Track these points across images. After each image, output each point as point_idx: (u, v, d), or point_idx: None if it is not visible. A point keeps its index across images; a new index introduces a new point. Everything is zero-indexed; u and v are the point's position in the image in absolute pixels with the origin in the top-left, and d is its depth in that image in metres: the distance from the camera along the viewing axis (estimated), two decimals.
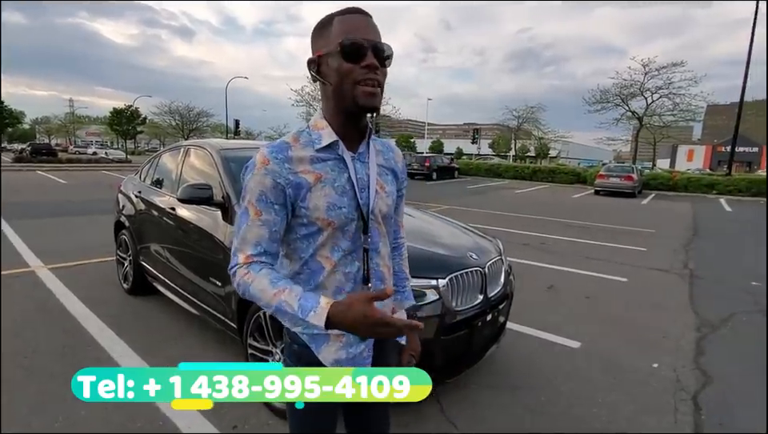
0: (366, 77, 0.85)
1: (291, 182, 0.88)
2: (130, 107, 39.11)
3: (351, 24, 0.86)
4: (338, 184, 0.91)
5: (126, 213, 3.89)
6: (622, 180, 16.72)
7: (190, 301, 2.92)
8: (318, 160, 0.91)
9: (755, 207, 14.36)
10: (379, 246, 0.99)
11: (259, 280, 0.85)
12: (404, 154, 1.81)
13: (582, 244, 6.94)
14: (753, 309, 4.07)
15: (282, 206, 0.89)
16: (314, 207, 0.89)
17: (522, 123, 43.28)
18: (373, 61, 0.85)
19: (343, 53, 0.85)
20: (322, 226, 0.91)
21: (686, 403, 2.43)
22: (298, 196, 0.89)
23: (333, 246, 0.93)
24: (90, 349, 2.77)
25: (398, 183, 1.08)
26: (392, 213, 1.04)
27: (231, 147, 3.10)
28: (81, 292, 3.73)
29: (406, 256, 1.21)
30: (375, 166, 0.97)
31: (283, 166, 0.88)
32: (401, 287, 1.17)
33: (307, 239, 0.93)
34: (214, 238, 2.55)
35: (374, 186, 0.96)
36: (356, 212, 0.93)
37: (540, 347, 3.10)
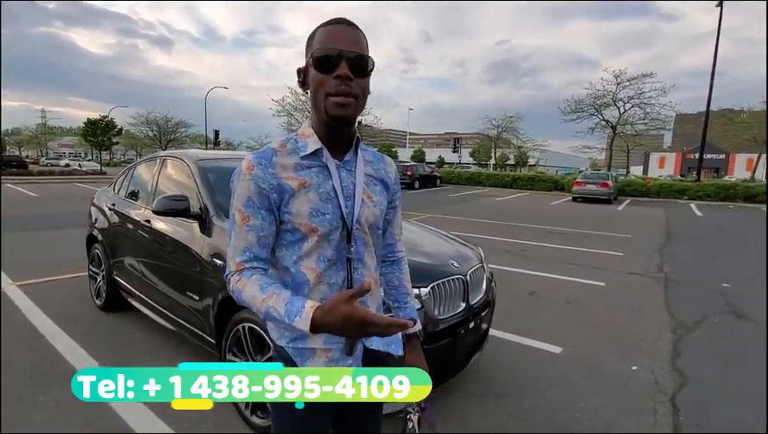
0: (336, 88, 0.85)
1: (275, 187, 0.88)
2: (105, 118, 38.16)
3: (329, 34, 0.87)
4: (322, 190, 0.91)
5: (98, 226, 3.77)
6: (598, 187, 17.19)
7: (166, 316, 2.83)
8: (303, 167, 0.91)
9: (724, 212, 14.94)
10: (365, 256, 0.97)
11: (250, 286, 0.85)
12: None
13: (561, 250, 7.06)
14: (724, 310, 4.20)
15: (269, 211, 0.89)
16: (296, 213, 0.89)
17: (502, 132, 44.19)
18: (344, 71, 0.84)
19: (315, 64, 0.86)
20: (305, 232, 0.90)
21: (664, 405, 2.48)
22: (282, 201, 0.89)
23: (317, 256, 0.92)
24: (58, 369, 2.64)
25: (388, 194, 1.06)
26: (380, 224, 1.02)
27: (209, 158, 3.05)
28: (51, 309, 3.57)
29: (407, 270, 1.16)
30: (362, 175, 0.97)
31: (267, 171, 0.88)
32: (402, 303, 1.13)
33: (292, 247, 0.93)
34: (190, 250, 2.49)
35: (359, 195, 0.95)
36: (340, 220, 0.92)
37: (523, 354, 3.12)
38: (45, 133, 68.34)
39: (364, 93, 0.89)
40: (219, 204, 2.50)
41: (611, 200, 17.19)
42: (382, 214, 1.02)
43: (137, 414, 2.18)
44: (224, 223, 2.39)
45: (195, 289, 2.46)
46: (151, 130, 47.19)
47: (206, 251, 2.37)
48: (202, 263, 2.39)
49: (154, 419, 2.15)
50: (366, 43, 0.91)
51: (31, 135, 68.57)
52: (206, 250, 2.38)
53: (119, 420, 2.14)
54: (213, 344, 2.36)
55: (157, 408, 2.21)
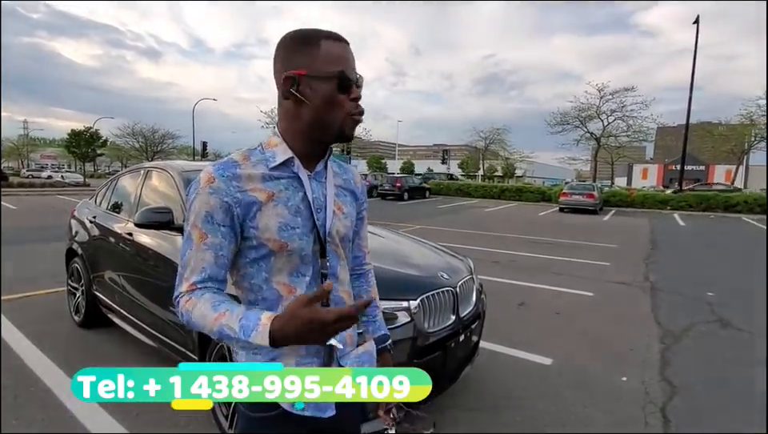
0: (357, 110, 0.86)
1: (239, 201, 0.82)
2: (90, 129, 37.66)
3: (343, 53, 0.85)
4: (292, 204, 0.86)
5: (78, 240, 3.66)
6: (584, 198, 17.48)
7: (148, 332, 2.74)
8: (271, 178, 0.86)
9: (706, 221, 15.30)
10: (338, 270, 0.94)
11: (200, 306, 0.80)
12: (375, 175, 1.79)
13: (549, 260, 7.11)
14: (710, 318, 4.25)
15: (230, 228, 0.83)
16: (264, 228, 0.83)
17: (490, 144, 44.85)
18: (359, 93, 0.86)
19: (340, 84, 0.83)
20: (273, 248, 0.84)
21: (655, 416, 2.47)
22: (247, 216, 0.83)
23: (290, 271, 0.87)
24: (33, 390, 2.52)
25: (357, 205, 1.02)
26: (350, 236, 0.99)
27: (194, 169, 2.99)
28: (26, 327, 3.43)
29: (374, 283, 1.14)
30: (332, 186, 0.93)
31: (230, 183, 0.82)
32: (371, 316, 1.09)
33: (257, 264, 0.86)
34: (174, 264, 2.42)
35: (330, 206, 0.91)
36: (311, 234, 0.87)
37: (513, 366, 3.10)
38: (27, 144, 67.01)
39: None
40: None
41: (597, 211, 17.48)
42: (352, 225, 0.99)
43: None
44: None
45: None
46: (137, 142, 46.74)
47: None
48: None
49: None
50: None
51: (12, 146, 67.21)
52: None
53: None
54: (196, 361, 2.28)
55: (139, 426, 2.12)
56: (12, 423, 2.19)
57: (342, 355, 0.93)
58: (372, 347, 1.03)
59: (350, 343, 0.97)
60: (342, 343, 0.89)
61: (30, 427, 2.16)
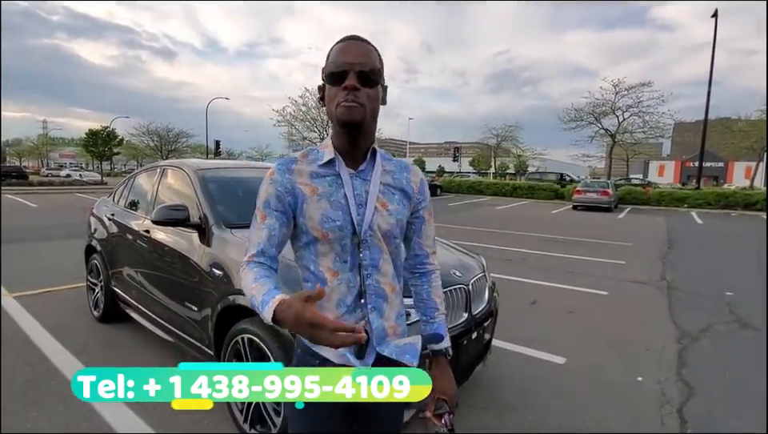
0: (344, 97, 0.91)
1: (290, 191, 0.96)
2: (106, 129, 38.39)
3: (339, 50, 0.94)
4: (334, 199, 0.96)
5: (97, 237, 3.74)
6: (598, 195, 17.19)
7: (165, 327, 2.79)
8: (318, 175, 0.97)
9: (725, 219, 14.93)
10: (379, 263, 1.00)
11: (248, 277, 0.91)
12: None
13: (563, 259, 7.03)
14: (729, 319, 4.16)
15: (282, 213, 0.96)
16: (309, 217, 0.96)
17: (501, 141, 44.40)
18: (351, 82, 0.90)
19: (327, 78, 0.93)
20: (317, 236, 0.96)
21: (671, 416, 2.43)
22: (296, 205, 0.96)
23: (334, 258, 0.97)
24: (54, 383, 2.59)
25: (410, 204, 1.06)
26: (396, 232, 1.02)
27: (209, 167, 3.04)
28: (47, 321, 3.53)
29: (438, 285, 1.14)
30: (378, 184, 1.00)
31: (284, 176, 0.97)
32: (429, 318, 1.11)
33: (307, 248, 0.99)
34: (189, 261, 2.46)
35: (372, 203, 0.98)
36: (350, 227, 0.96)
37: (526, 364, 3.08)
38: (46, 144, 68.65)
39: (372, 101, 0.94)
40: (219, 213, 2.48)
41: (611, 208, 17.18)
42: (399, 223, 1.03)
43: (130, 424, 2.13)
44: (224, 233, 2.37)
45: (194, 300, 2.43)
46: (152, 141, 47.42)
47: (205, 261, 2.35)
48: (201, 273, 2.36)
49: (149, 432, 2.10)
50: (377, 55, 0.97)
51: (32, 146, 68.91)
52: (205, 260, 2.35)
53: None
54: (211, 355, 2.32)
55: (152, 421, 2.17)
56: (33, 415, 2.26)
57: (379, 343, 0.99)
58: (417, 341, 1.05)
59: (391, 334, 1.02)
60: (372, 330, 0.97)
61: (50, 418, 2.22)
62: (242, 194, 2.94)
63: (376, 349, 0.99)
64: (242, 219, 2.54)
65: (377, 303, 0.99)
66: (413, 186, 1.06)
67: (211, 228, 2.41)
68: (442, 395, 1.04)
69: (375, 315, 0.99)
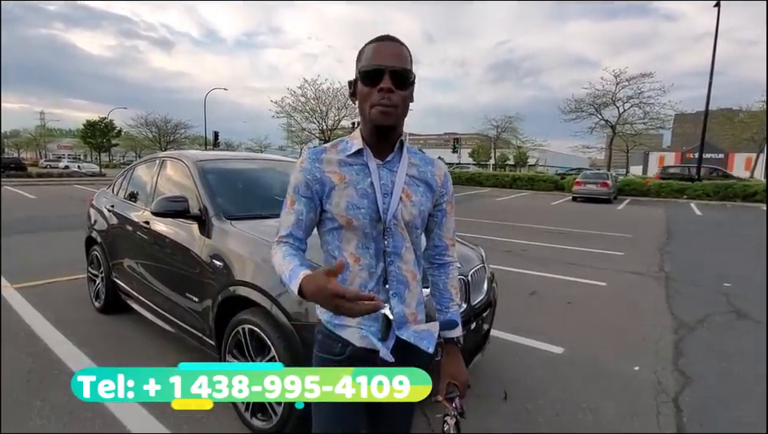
0: (379, 100, 0.94)
1: (318, 179, 1.01)
2: (104, 120, 38.18)
3: (374, 50, 0.96)
4: (361, 187, 1.00)
5: (97, 228, 3.75)
6: (598, 187, 17.19)
7: (165, 318, 2.81)
8: (346, 164, 1.02)
9: (723, 211, 14.95)
10: (402, 251, 1.04)
11: (278, 255, 0.98)
12: None
13: (562, 250, 7.05)
14: (726, 309, 4.19)
15: (310, 199, 1.01)
16: (335, 205, 1.00)
17: (501, 133, 44.19)
18: (387, 84, 0.93)
19: (362, 78, 0.96)
20: (342, 223, 1.00)
21: (667, 406, 2.46)
22: (323, 192, 1.01)
23: (357, 244, 1.01)
24: (57, 374, 2.62)
25: (433, 196, 1.09)
26: (418, 223, 1.06)
27: (209, 159, 3.03)
28: (49, 312, 3.55)
29: (455, 277, 1.18)
30: (404, 175, 1.03)
31: (314, 165, 1.01)
32: (444, 307, 1.15)
33: (332, 233, 1.03)
34: (190, 252, 2.47)
35: (397, 193, 1.01)
36: (375, 214, 1.00)
37: (524, 354, 3.11)
38: (44, 135, 68.28)
39: (405, 102, 0.98)
40: (219, 205, 2.49)
41: (611, 200, 17.19)
42: (421, 214, 1.06)
43: (135, 417, 2.16)
44: (223, 224, 2.37)
45: (195, 291, 2.44)
46: (150, 132, 47.22)
47: (206, 252, 2.35)
48: (201, 264, 2.37)
49: (152, 421, 2.14)
50: (410, 56, 0.99)
51: (30, 137, 68.54)
52: (205, 251, 2.36)
53: (117, 424, 2.12)
54: (213, 346, 2.34)
55: (155, 410, 2.20)
56: (37, 404, 2.29)
57: (399, 327, 1.03)
58: (435, 328, 1.09)
59: (411, 320, 1.06)
60: (393, 315, 1.01)
61: (54, 408, 2.24)
62: (241, 186, 2.94)
63: (396, 333, 1.02)
64: (242, 211, 2.55)
65: (398, 289, 1.04)
66: (437, 180, 1.09)
67: (211, 219, 2.41)
68: (453, 381, 1.10)
69: (397, 300, 1.04)
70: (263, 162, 3.46)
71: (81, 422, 2.13)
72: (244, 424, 2.11)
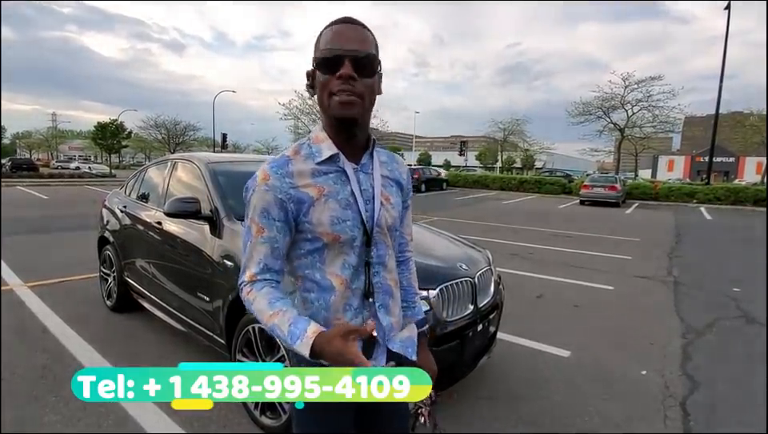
0: (339, 87, 0.83)
1: (293, 197, 0.87)
2: (115, 121, 38.64)
3: (333, 34, 0.85)
4: (342, 197, 0.89)
5: (110, 228, 3.82)
6: (606, 190, 17.06)
7: (177, 317, 2.86)
8: (319, 173, 0.89)
9: (734, 215, 14.76)
10: (386, 258, 0.97)
11: (259, 300, 0.86)
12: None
13: (569, 253, 7.02)
14: (735, 314, 4.15)
15: (285, 223, 0.88)
16: (317, 222, 0.88)
17: (508, 135, 44.04)
18: (347, 71, 0.82)
19: (319, 65, 0.85)
20: (327, 241, 0.89)
21: (674, 410, 2.45)
22: (300, 211, 0.87)
23: (341, 262, 0.91)
24: (70, 370, 2.68)
25: (402, 195, 1.04)
26: (397, 225, 1.01)
27: (219, 161, 3.08)
28: (62, 311, 3.62)
29: (414, 270, 1.16)
30: (380, 177, 0.95)
31: (284, 180, 0.87)
32: (411, 303, 1.12)
33: (312, 255, 0.91)
34: (201, 252, 2.52)
35: (378, 197, 0.93)
36: (360, 225, 0.90)
37: (531, 357, 3.11)
38: (55, 136, 69.33)
39: (370, 92, 0.86)
40: (230, 206, 2.53)
41: (619, 203, 17.05)
42: (399, 215, 1.01)
43: (147, 413, 2.20)
44: (234, 225, 2.42)
45: (206, 290, 2.49)
46: (160, 134, 47.72)
47: (217, 253, 2.40)
48: (212, 264, 2.42)
49: (164, 418, 2.18)
50: (374, 41, 0.88)
51: (42, 138, 69.62)
52: (216, 251, 2.41)
53: (130, 419, 2.16)
54: (223, 345, 2.38)
55: (165, 406, 2.24)
56: (51, 399, 2.34)
57: (388, 340, 0.98)
58: (414, 331, 1.07)
59: (396, 327, 1.00)
60: (383, 327, 0.95)
61: (67, 403, 2.29)
62: None
63: (387, 345, 0.97)
64: None
65: (384, 301, 0.96)
66: (404, 177, 1.04)
67: (222, 220, 2.46)
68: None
69: (383, 312, 0.96)
70: None
71: (94, 417, 2.18)
72: (253, 422, 2.15)
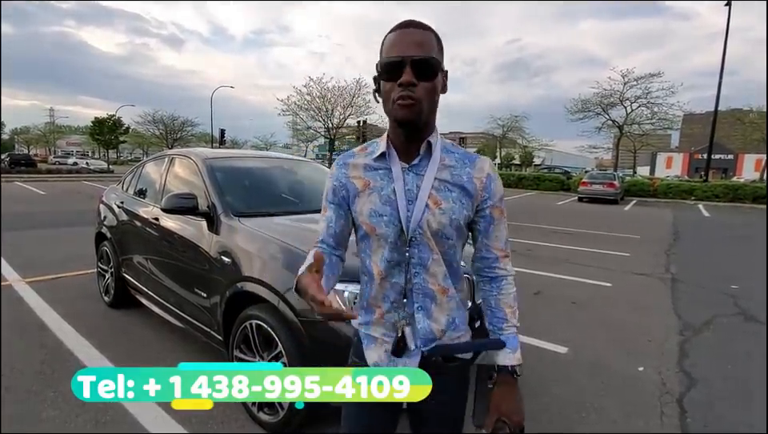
0: (400, 94, 0.85)
1: (344, 185, 0.98)
2: (112, 117, 38.51)
3: (392, 40, 0.88)
4: (384, 193, 0.94)
5: (107, 224, 3.80)
6: (604, 187, 17.09)
7: (174, 313, 2.86)
8: (371, 168, 0.96)
9: (732, 212, 14.80)
10: (428, 263, 0.93)
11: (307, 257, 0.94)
12: None
13: (567, 250, 7.03)
14: (733, 312, 4.17)
15: (338, 206, 0.99)
16: (359, 211, 0.96)
17: (507, 132, 44.02)
18: (408, 78, 0.84)
19: (382, 72, 0.89)
20: (366, 231, 0.96)
21: (671, 406, 2.46)
22: (349, 198, 0.98)
23: (381, 254, 0.95)
24: (68, 366, 2.67)
25: (472, 202, 0.95)
26: (449, 232, 0.93)
27: (217, 156, 3.07)
28: (60, 306, 3.61)
29: (509, 293, 1.00)
30: (431, 179, 0.92)
31: (341, 171, 0.99)
32: (497, 328, 0.98)
33: (363, 241, 0.99)
34: (198, 248, 2.51)
35: (423, 199, 0.91)
36: (397, 223, 0.92)
37: (528, 353, 3.11)
38: (53, 131, 69.07)
39: (432, 95, 0.88)
40: (227, 202, 2.52)
41: (618, 201, 17.08)
42: (453, 222, 0.92)
43: (145, 410, 2.20)
44: (231, 221, 2.41)
45: (203, 286, 2.48)
46: (158, 129, 47.59)
47: (214, 249, 2.39)
48: (210, 260, 2.41)
49: (162, 415, 2.17)
50: (436, 41, 0.89)
51: (40, 134, 69.35)
52: (213, 247, 2.40)
53: (128, 416, 2.16)
54: (220, 341, 2.38)
55: (165, 405, 2.24)
56: (50, 395, 2.34)
57: (426, 343, 0.95)
58: (474, 340, 1.03)
59: (440, 337, 0.96)
60: (418, 329, 0.95)
61: (66, 399, 2.29)
62: (249, 184, 2.98)
63: (422, 350, 0.94)
64: (250, 208, 2.58)
65: (424, 303, 0.94)
66: (475, 183, 0.94)
67: (219, 217, 2.45)
68: (504, 418, 0.93)
69: (422, 314, 0.95)
70: (270, 160, 3.50)
71: (92, 413, 2.18)
72: (251, 418, 2.15)
